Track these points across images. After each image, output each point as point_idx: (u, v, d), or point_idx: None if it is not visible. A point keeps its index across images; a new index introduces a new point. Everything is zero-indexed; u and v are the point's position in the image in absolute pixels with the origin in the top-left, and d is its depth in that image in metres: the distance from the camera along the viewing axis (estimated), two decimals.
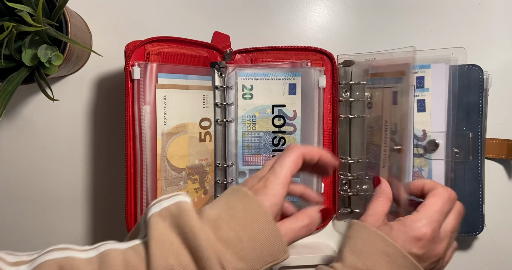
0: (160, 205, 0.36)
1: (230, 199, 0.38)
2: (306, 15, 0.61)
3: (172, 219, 0.35)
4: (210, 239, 0.34)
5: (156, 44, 0.52)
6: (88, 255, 0.34)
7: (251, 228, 0.35)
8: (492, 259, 0.62)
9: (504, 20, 0.61)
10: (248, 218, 0.36)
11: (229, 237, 0.34)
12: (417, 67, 0.53)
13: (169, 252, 0.33)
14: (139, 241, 0.35)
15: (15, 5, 0.45)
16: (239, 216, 0.36)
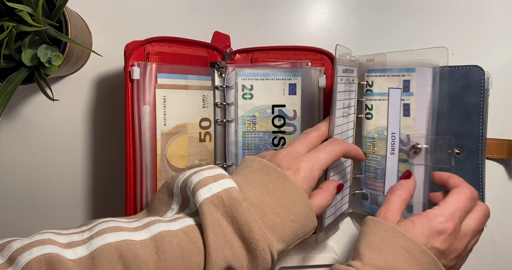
0: (210, 189, 0.37)
1: (270, 182, 0.39)
2: (306, 15, 0.61)
3: (226, 209, 0.36)
4: (261, 229, 0.36)
5: (155, 44, 0.52)
6: (141, 236, 0.34)
7: (293, 213, 0.38)
8: (493, 259, 0.62)
9: (504, 20, 0.61)
10: (290, 204, 0.38)
11: (275, 223, 0.37)
12: (403, 70, 0.53)
13: (225, 244, 0.35)
14: (189, 222, 0.37)
15: (15, 5, 0.45)
16: (282, 202, 0.38)
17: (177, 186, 0.39)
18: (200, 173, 0.39)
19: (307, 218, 0.39)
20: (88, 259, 0.32)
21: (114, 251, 0.32)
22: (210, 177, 0.38)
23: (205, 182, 0.37)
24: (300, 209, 0.39)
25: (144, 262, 0.33)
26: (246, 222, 0.36)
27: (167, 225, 0.36)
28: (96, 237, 0.33)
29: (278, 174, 0.39)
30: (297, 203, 0.39)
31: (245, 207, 0.36)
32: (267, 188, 0.39)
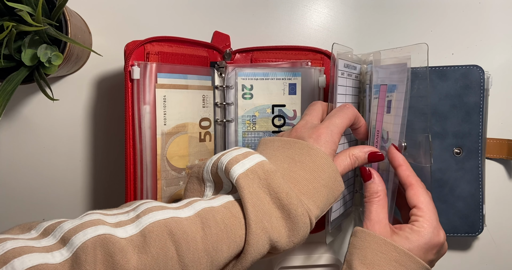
0: (243, 164, 0.38)
1: (295, 154, 0.40)
2: (306, 15, 0.61)
3: (262, 181, 0.37)
4: (298, 196, 0.37)
5: (155, 44, 0.52)
6: (186, 213, 0.35)
7: (322, 178, 0.39)
8: (493, 259, 0.62)
9: (504, 20, 0.61)
10: (319, 170, 0.39)
11: (308, 190, 0.38)
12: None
13: (263, 215, 0.36)
14: (228, 198, 0.38)
15: (15, 4, 0.45)
16: (311, 169, 0.39)
17: (207, 172, 0.40)
18: (229, 153, 0.39)
19: (335, 182, 0.40)
20: (140, 237, 0.33)
21: (163, 228, 0.33)
22: (240, 155, 0.39)
23: (236, 160, 0.38)
24: (328, 173, 0.40)
25: (192, 238, 0.34)
26: (283, 190, 0.37)
27: (208, 202, 0.37)
28: (143, 215, 0.34)
29: (301, 145, 0.41)
30: (324, 168, 0.40)
31: (279, 177, 0.37)
32: (293, 159, 0.40)
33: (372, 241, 0.41)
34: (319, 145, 0.41)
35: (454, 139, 0.56)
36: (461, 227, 0.57)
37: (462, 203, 0.57)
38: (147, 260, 0.32)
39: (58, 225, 0.33)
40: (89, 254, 0.30)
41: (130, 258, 0.31)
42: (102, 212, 0.35)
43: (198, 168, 0.41)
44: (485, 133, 0.58)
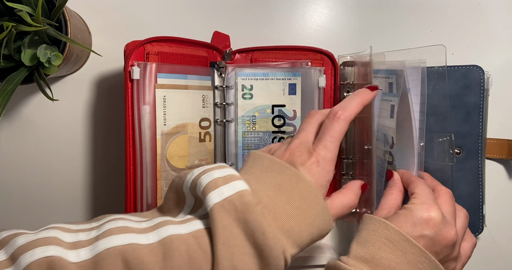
0: (221, 192, 0.34)
1: (283, 182, 0.37)
2: (306, 15, 0.61)
3: (238, 215, 0.34)
4: (276, 235, 0.34)
5: (155, 44, 0.51)
6: (148, 240, 0.33)
7: (308, 215, 0.36)
8: (493, 259, 0.62)
9: (504, 20, 0.61)
10: (305, 206, 0.36)
11: (290, 227, 0.35)
12: (387, 72, 0.53)
13: (234, 253, 0.33)
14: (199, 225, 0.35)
15: (15, 5, 0.44)
16: (297, 204, 0.36)
17: (186, 187, 0.37)
18: (210, 174, 0.36)
19: (323, 222, 0.37)
20: (91, 263, 0.31)
21: (118, 256, 0.31)
22: (220, 179, 0.35)
23: (216, 185, 0.35)
24: (316, 211, 0.37)
25: (149, 268, 0.32)
26: (260, 228, 0.33)
27: (177, 227, 0.34)
28: (102, 238, 0.32)
29: (292, 173, 0.37)
30: (312, 205, 0.37)
31: (259, 212, 0.34)
32: (280, 188, 0.37)
33: (369, 222, 0.42)
34: (311, 175, 0.38)
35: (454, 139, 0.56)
36: None
37: (462, 203, 0.56)
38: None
39: (12, 238, 0.31)
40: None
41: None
42: (64, 227, 0.33)
43: (179, 179, 0.39)
44: (485, 133, 0.58)
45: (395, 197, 0.46)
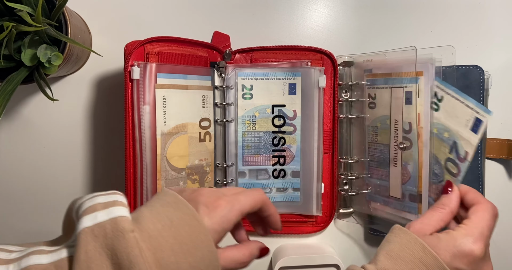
0: (95, 217, 0.32)
1: (176, 218, 0.34)
2: (306, 15, 0.61)
3: (107, 241, 0.31)
4: (148, 266, 0.31)
5: (155, 44, 0.52)
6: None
7: (192, 255, 0.33)
8: (493, 259, 0.62)
9: (504, 20, 0.61)
10: (192, 245, 0.33)
11: (169, 262, 0.32)
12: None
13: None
14: (64, 254, 0.32)
15: (15, 5, 0.44)
16: (184, 241, 0.33)
17: (75, 212, 0.35)
18: (94, 199, 0.34)
19: (209, 265, 0.34)
20: None
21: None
22: (101, 204, 0.33)
23: (93, 209, 0.32)
24: (202, 253, 0.34)
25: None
26: (128, 257, 0.30)
27: (40, 257, 0.32)
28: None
29: (189, 211, 0.35)
30: (200, 246, 0.34)
31: (130, 240, 0.31)
32: (171, 223, 0.34)
33: (404, 237, 0.40)
34: (209, 217, 0.35)
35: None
36: None
37: None
38: None
39: None
40: None
41: None
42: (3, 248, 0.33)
43: (72, 204, 0.36)
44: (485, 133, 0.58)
45: (442, 218, 0.43)
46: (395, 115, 0.54)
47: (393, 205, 0.55)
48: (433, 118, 0.48)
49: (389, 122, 0.55)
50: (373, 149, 0.57)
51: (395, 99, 0.54)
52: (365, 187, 0.58)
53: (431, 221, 0.42)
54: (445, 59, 0.53)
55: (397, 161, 0.54)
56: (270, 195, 0.58)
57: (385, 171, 0.56)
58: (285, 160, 0.57)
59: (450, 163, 0.47)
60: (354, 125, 0.59)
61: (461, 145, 0.46)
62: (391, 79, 0.55)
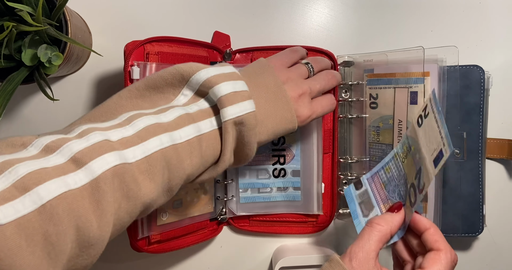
0: (235, 110, 0.40)
1: (276, 107, 0.44)
2: (306, 15, 0.61)
3: (241, 127, 0.40)
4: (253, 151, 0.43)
5: (155, 44, 0.51)
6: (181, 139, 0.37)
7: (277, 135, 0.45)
8: (493, 259, 0.62)
9: (505, 19, 0.61)
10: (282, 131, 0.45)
11: (261, 141, 0.43)
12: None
13: (230, 155, 0.41)
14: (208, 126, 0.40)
15: (15, 4, 0.44)
16: (278, 129, 0.44)
17: (197, 81, 0.41)
18: (228, 85, 0.40)
19: (291, 132, 0.46)
20: (145, 163, 0.35)
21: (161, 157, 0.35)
22: (237, 94, 0.40)
23: (232, 100, 0.40)
24: (288, 129, 0.45)
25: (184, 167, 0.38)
26: (249, 143, 0.41)
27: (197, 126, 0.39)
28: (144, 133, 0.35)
29: (287, 106, 0.44)
30: (288, 127, 0.45)
31: (254, 133, 0.41)
32: (274, 111, 0.43)
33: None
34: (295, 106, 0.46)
35: (454, 139, 0.56)
36: (461, 227, 0.57)
37: (462, 203, 0.57)
38: (154, 187, 0.34)
39: (63, 144, 0.31)
40: (108, 184, 0.31)
41: (142, 185, 0.33)
42: (98, 127, 0.34)
43: (189, 69, 0.41)
44: (485, 133, 0.58)
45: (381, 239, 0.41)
46: (399, 115, 0.54)
47: None
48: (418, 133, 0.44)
49: (392, 122, 0.55)
50: (374, 149, 0.57)
51: (399, 99, 0.54)
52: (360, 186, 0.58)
53: (371, 246, 0.40)
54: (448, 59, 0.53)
55: None
56: (271, 194, 0.58)
57: None
58: (285, 159, 0.57)
59: (412, 190, 0.42)
60: (353, 125, 0.59)
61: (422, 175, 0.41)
62: (394, 79, 0.55)
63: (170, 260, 0.61)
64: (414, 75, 0.53)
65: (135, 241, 0.50)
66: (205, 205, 0.55)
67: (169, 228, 0.52)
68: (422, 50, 0.51)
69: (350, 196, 0.50)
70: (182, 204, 0.52)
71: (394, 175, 0.46)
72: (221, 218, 0.58)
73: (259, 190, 0.58)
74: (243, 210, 0.58)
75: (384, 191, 0.47)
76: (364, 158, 0.58)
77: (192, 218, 0.54)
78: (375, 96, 0.56)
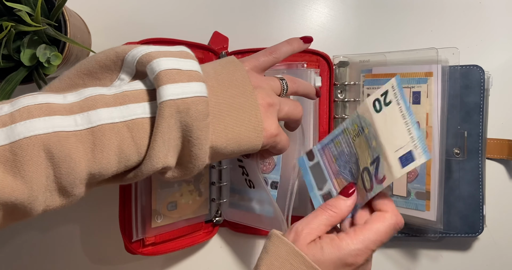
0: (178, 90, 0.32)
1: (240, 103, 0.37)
2: (306, 15, 0.61)
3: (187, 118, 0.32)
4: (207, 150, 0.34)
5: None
6: (77, 125, 0.30)
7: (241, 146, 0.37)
8: (493, 260, 0.62)
9: (505, 19, 0.61)
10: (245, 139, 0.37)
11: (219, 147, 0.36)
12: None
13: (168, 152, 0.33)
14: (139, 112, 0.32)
15: (14, 4, 0.45)
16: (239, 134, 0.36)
17: (133, 57, 0.34)
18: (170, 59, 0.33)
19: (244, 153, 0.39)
20: (9, 152, 0.28)
21: (41, 147, 0.28)
22: (182, 73, 0.33)
23: (175, 78, 0.32)
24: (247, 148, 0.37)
25: (76, 161, 0.29)
26: (199, 139, 0.33)
27: (110, 113, 0.31)
28: (19, 120, 0.29)
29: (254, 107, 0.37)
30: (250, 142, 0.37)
31: (206, 125, 0.33)
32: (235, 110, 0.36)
33: (283, 249, 0.37)
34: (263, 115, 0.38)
35: (454, 139, 0.56)
36: (461, 227, 0.57)
37: (462, 204, 0.57)
38: (18, 185, 0.28)
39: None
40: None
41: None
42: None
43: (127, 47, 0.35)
44: (485, 133, 0.57)
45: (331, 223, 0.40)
46: None
47: (396, 204, 0.55)
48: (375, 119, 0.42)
49: None
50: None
51: None
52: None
53: (320, 226, 0.39)
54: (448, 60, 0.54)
55: None
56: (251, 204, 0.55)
57: None
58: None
59: (367, 175, 0.41)
60: None
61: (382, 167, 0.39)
62: None
63: (170, 260, 0.61)
64: (417, 76, 0.53)
65: (130, 243, 0.50)
66: (200, 207, 0.55)
67: (164, 230, 0.52)
68: (436, 51, 0.52)
69: (304, 167, 0.47)
70: (177, 207, 0.52)
71: (345, 151, 0.44)
72: (216, 220, 0.58)
73: (243, 197, 0.55)
74: (231, 216, 0.57)
75: (335, 165, 0.45)
76: None
77: (187, 220, 0.54)
78: None
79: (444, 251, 0.62)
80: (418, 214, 0.54)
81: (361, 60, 0.57)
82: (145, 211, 0.50)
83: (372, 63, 0.56)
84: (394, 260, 0.62)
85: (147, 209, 0.50)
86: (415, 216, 0.54)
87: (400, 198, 0.55)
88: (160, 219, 0.51)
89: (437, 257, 0.62)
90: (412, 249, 0.61)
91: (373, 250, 0.38)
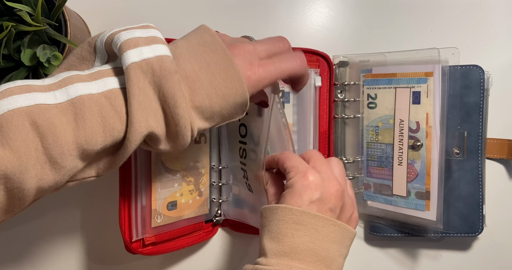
0: (140, 52, 0.33)
1: (213, 62, 0.36)
2: (306, 15, 0.61)
3: (155, 78, 0.33)
4: (187, 106, 0.34)
5: None
6: (56, 99, 0.31)
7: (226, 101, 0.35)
8: (493, 259, 0.62)
9: (504, 20, 0.61)
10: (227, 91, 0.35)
11: (203, 105, 0.35)
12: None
13: (149, 114, 0.33)
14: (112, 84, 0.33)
15: (14, 4, 0.45)
16: (219, 87, 0.35)
17: (101, 41, 0.35)
18: (131, 31, 0.34)
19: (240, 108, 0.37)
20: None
21: (25, 118, 0.29)
22: (142, 39, 0.34)
23: (136, 43, 0.33)
24: (235, 100, 0.36)
25: (61, 130, 0.30)
26: (173, 97, 0.33)
27: (87, 86, 0.32)
28: (1, 98, 0.29)
29: (226, 57, 0.36)
30: (233, 92, 0.36)
31: (175, 81, 0.33)
32: (208, 66, 0.35)
33: (271, 213, 0.40)
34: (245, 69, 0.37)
35: (454, 139, 0.56)
36: (461, 227, 0.57)
37: (462, 203, 0.57)
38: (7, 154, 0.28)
39: None
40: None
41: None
42: None
43: (96, 35, 0.36)
44: (485, 133, 0.57)
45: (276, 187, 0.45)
46: (400, 114, 0.54)
47: (396, 203, 0.55)
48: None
49: (393, 122, 0.55)
50: (373, 148, 0.57)
51: (400, 99, 0.54)
52: (362, 186, 0.58)
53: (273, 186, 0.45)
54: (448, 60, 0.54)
55: (402, 160, 0.54)
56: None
57: (387, 170, 0.56)
58: None
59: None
60: (348, 125, 0.59)
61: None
62: (395, 79, 0.55)
63: (170, 260, 0.61)
64: (417, 75, 0.53)
65: (129, 243, 0.50)
66: (200, 206, 0.55)
67: (164, 230, 0.52)
68: (437, 51, 0.52)
69: None
70: (177, 206, 0.52)
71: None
72: (216, 220, 0.58)
73: (244, 199, 0.56)
74: (234, 215, 0.57)
75: None
76: (360, 158, 0.58)
77: (187, 220, 0.54)
78: (373, 96, 0.56)
79: (444, 251, 0.62)
80: (418, 214, 0.54)
81: (361, 60, 0.57)
82: (145, 211, 0.50)
83: (372, 63, 0.56)
84: (394, 260, 0.62)
85: (147, 209, 0.50)
86: (415, 216, 0.55)
87: (400, 198, 0.55)
88: (160, 219, 0.51)
89: (437, 257, 0.62)
90: (412, 248, 0.62)
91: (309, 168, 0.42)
